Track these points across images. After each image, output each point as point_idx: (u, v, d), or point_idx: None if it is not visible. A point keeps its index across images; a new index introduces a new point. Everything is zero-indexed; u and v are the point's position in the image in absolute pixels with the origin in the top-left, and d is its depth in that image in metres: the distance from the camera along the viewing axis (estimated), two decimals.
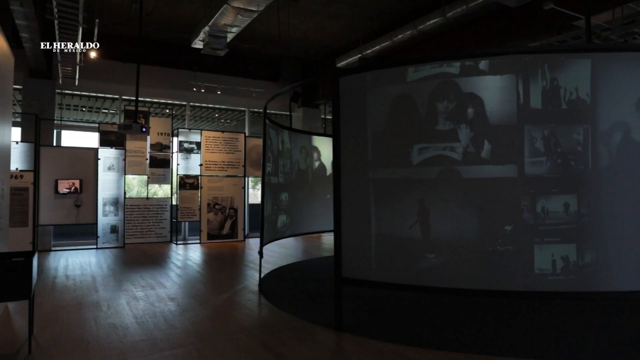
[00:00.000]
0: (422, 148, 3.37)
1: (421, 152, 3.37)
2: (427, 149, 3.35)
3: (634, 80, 3.15)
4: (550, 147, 3.14)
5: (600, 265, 3.08)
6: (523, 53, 3.28)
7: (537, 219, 3.13)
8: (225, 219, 9.90)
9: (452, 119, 3.30)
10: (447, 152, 3.31)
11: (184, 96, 10.66)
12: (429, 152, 3.35)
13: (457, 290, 3.27)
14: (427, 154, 3.35)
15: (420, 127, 3.38)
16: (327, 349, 3.20)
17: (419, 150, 3.37)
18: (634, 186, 3.13)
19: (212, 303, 4.49)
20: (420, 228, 3.33)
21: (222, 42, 7.80)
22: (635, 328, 3.61)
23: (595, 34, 7.33)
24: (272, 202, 5.84)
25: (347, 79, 3.67)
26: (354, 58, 9.01)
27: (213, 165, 9.89)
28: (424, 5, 7.82)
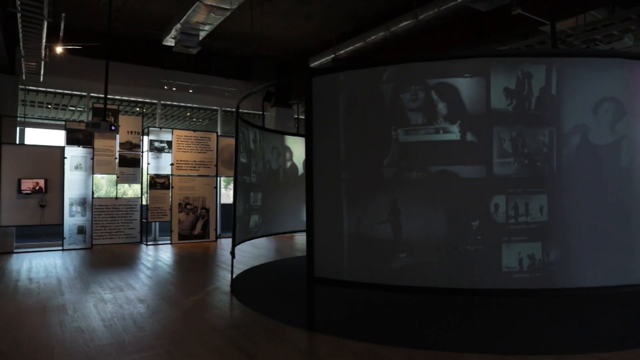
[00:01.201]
0: (392, 148, 3.40)
1: (392, 152, 3.40)
2: (399, 149, 3.39)
3: (594, 84, 3.28)
4: (517, 148, 3.23)
5: (563, 263, 3.19)
6: (492, 56, 3.36)
7: (504, 218, 3.21)
8: (197, 219, 9.77)
9: (423, 119, 3.35)
10: (417, 152, 3.36)
11: (155, 94, 10.46)
12: (401, 152, 3.39)
13: (428, 289, 3.32)
14: (397, 154, 3.39)
15: (392, 128, 3.41)
16: (299, 349, 3.20)
17: (390, 150, 3.41)
18: (592, 186, 3.26)
19: (183, 304, 4.42)
20: (392, 228, 3.36)
21: (194, 40, 7.69)
22: (597, 321, 3.75)
23: (560, 39, 7.58)
24: (244, 202, 5.80)
25: (320, 79, 3.67)
26: (328, 58, 9.04)
27: (184, 164, 9.75)
28: (396, 8, 7.91)
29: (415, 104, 3.37)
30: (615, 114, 3.31)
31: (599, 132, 3.27)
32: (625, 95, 3.33)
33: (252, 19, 8.27)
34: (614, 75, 3.32)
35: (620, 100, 3.31)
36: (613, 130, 3.31)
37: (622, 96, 3.32)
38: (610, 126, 3.31)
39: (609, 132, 3.30)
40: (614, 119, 3.31)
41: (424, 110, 3.34)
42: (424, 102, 3.34)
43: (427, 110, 3.34)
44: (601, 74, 3.30)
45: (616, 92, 3.31)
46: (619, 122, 3.32)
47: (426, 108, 3.34)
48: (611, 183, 3.31)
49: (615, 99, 3.31)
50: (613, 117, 3.31)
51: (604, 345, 3.15)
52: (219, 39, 9.73)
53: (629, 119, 3.34)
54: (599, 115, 3.28)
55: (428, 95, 3.34)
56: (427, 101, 3.34)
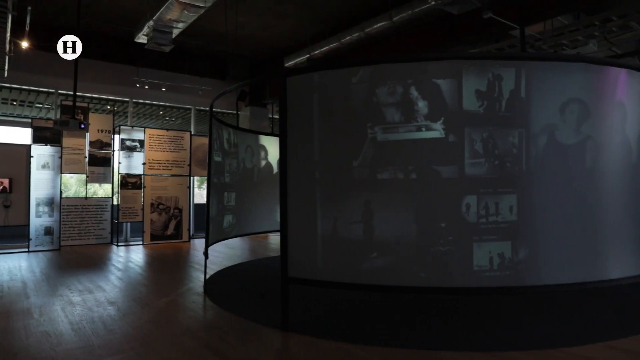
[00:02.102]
0: (366, 148, 3.43)
1: (365, 152, 3.43)
2: (372, 150, 3.42)
3: (561, 87, 3.38)
4: (488, 149, 3.30)
5: (532, 261, 3.27)
6: (464, 58, 3.42)
7: (475, 218, 3.27)
8: (170, 219, 9.61)
9: (397, 120, 3.38)
10: (390, 152, 3.39)
11: (127, 92, 10.24)
12: (375, 153, 3.41)
13: (402, 288, 3.36)
14: (371, 154, 3.41)
15: (364, 129, 3.43)
16: (273, 349, 3.18)
17: (364, 151, 3.43)
18: (559, 186, 3.36)
19: (155, 306, 4.34)
20: (366, 228, 3.39)
21: (167, 38, 7.57)
22: (564, 317, 3.86)
23: (529, 43, 7.78)
24: (218, 201, 5.74)
25: (295, 79, 3.67)
26: (302, 58, 9.03)
27: (157, 164, 9.58)
28: (371, 9, 7.97)
29: (388, 104, 3.40)
30: (581, 115, 3.42)
31: (565, 133, 3.37)
32: (590, 97, 3.44)
33: (227, 17, 8.19)
34: (579, 78, 3.43)
35: (585, 102, 3.43)
36: (578, 132, 3.42)
37: (587, 98, 3.43)
38: (576, 127, 3.42)
39: (575, 134, 3.41)
40: (580, 120, 3.42)
41: (397, 110, 3.38)
42: (397, 102, 3.37)
43: (400, 110, 3.37)
44: (567, 77, 3.40)
45: (581, 95, 3.42)
46: (584, 124, 3.43)
47: (399, 109, 3.37)
48: (577, 183, 3.42)
49: (581, 100, 3.42)
50: (579, 119, 3.42)
51: (571, 340, 3.25)
52: (193, 37, 9.60)
53: (593, 121, 3.45)
54: (566, 116, 3.38)
55: (401, 96, 3.37)
56: (401, 102, 3.37)
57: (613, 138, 3.57)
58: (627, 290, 4.74)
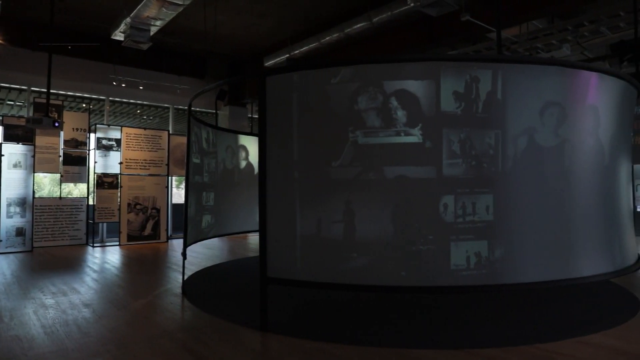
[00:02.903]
0: (347, 149, 3.44)
1: (345, 153, 3.44)
2: (351, 150, 3.43)
3: (539, 89, 3.46)
4: (465, 150, 3.35)
5: (507, 260, 3.34)
6: (442, 60, 3.47)
7: (453, 218, 3.32)
8: (147, 220, 9.47)
9: (376, 120, 3.40)
10: (370, 153, 3.41)
11: (103, 90, 10.05)
12: (353, 153, 3.43)
13: (381, 287, 3.39)
14: (351, 155, 3.43)
15: (344, 129, 3.45)
16: (251, 350, 3.17)
17: (343, 151, 3.44)
18: (534, 187, 3.44)
19: (132, 307, 4.27)
20: (344, 228, 3.40)
21: (144, 35, 7.45)
22: (538, 314, 3.95)
23: (505, 46, 7.93)
24: (196, 201, 5.68)
25: (274, 79, 3.66)
26: (282, 58, 9.01)
27: (134, 163, 9.42)
28: (351, 9, 8.01)
29: (368, 105, 3.41)
30: (557, 118, 3.51)
31: (541, 135, 3.45)
32: (565, 100, 3.53)
33: (206, 16, 8.11)
34: (553, 81, 3.52)
35: (562, 105, 3.51)
36: (555, 134, 3.51)
37: (563, 101, 3.52)
38: (553, 130, 3.50)
39: (551, 136, 3.49)
40: (557, 123, 3.51)
41: (377, 111, 3.40)
42: (377, 103, 3.40)
43: (380, 111, 3.39)
44: (542, 80, 3.48)
45: (556, 98, 3.50)
46: (561, 126, 3.52)
47: (379, 109, 3.40)
48: (551, 184, 3.51)
49: (556, 103, 3.50)
50: (557, 121, 3.50)
51: (544, 336, 3.32)
52: (171, 35, 9.47)
53: (567, 123, 3.54)
54: (542, 118, 3.46)
55: (381, 97, 3.40)
56: (381, 102, 3.39)
57: (586, 140, 3.67)
58: (597, 287, 4.88)
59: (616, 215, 3.97)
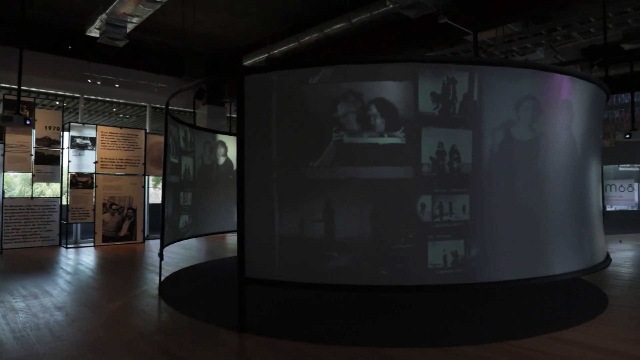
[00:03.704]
0: (325, 149, 3.45)
1: (327, 152, 3.44)
2: (330, 150, 3.44)
3: (513, 91, 3.53)
4: (443, 150, 3.40)
5: (482, 259, 3.40)
6: (420, 61, 3.51)
7: (430, 217, 3.36)
8: (123, 220, 9.30)
9: (355, 121, 3.42)
10: (352, 153, 3.43)
11: (77, 88, 9.82)
12: (332, 153, 3.44)
13: (359, 287, 3.41)
14: (330, 155, 3.44)
15: (323, 129, 3.45)
16: (229, 351, 3.14)
17: (324, 151, 3.44)
18: (508, 188, 3.52)
19: (107, 310, 4.19)
20: (324, 228, 3.40)
21: (121, 32, 7.32)
22: (511, 312, 4.04)
23: (482, 49, 8.07)
24: (173, 201, 5.61)
25: (253, 78, 3.64)
26: (261, 57, 8.98)
27: (110, 162, 9.24)
28: (331, 10, 8.03)
29: (346, 105, 3.43)
30: (531, 120, 3.59)
31: (515, 137, 3.53)
32: (539, 103, 3.61)
33: (184, 14, 8.01)
34: (527, 84, 3.60)
35: (535, 107, 3.59)
36: (529, 136, 3.59)
37: (537, 103, 3.60)
38: (527, 132, 3.58)
39: (525, 138, 3.57)
40: (531, 126, 3.59)
41: (356, 111, 3.41)
42: (355, 103, 3.41)
43: (358, 111, 3.41)
44: (517, 82, 3.56)
45: (530, 100, 3.58)
46: (534, 128, 3.60)
47: (358, 109, 3.41)
48: (524, 185, 3.59)
49: (530, 106, 3.58)
50: (530, 124, 3.58)
51: (518, 333, 3.39)
52: (148, 32, 9.33)
53: (541, 126, 3.63)
54: (517, 121, 3.54)
55: (359, 97, 3.41)
56: (359, 103, 3.41)
57: (558, 142, 3.77)
58: (568, 285, 5.01)
59: (587, 214, 4.09)
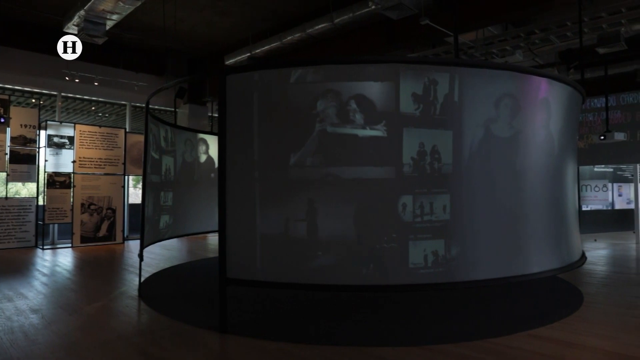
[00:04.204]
0: (307, 149, 3.45)
1: (306, 153, 3.44)
2: (312, 150, 3.44)
3: (493, 93, 3.59)
4: (424, 150, 3.43)
5: (462, 258, 3.45)
6: (401, 62, 3.54)
7: (411, 217, 3.39)
8: (102, 220, 9.14)
9: (337, 121, 3.43)
10: (329, 145, 3.43)
11: (55, 85, 9.62)
12: (314, 153, 3.44)
13: (341, 286, 3.42)
14: (311, 146, 3.44)
15: (305, 128, 3.45)
16: (210, 352, 3.12)
17: (304, 151, 3.44)
18: (487, 188, 3.57)
19: (85, 312, 4.11)
20: (306, 227, 3.40)
21: (100, 29, 7.19)
22: (489, 310, 4.10)
23: (462, 50, 8.18)
24: (154, 201, 5.54)
25: (235, 77, 3.62)
26: (243, 57, 8.93)
27: (88, 162, 9.08)
28: (313, 10, 8.03)
29: (328, 105, 3.43)
30: (510, 122, 3.65)
31: (494, 138, 3.58)
32: (517, 104, 3.68)
33: (165, 12, 7.92)
34: (507, 85, 3.66)
35: (514, 109, 3.66)
36: (508, 137, 3.65)
37: (515, 105, 3.66)
38: (506, 133, 3.64)
39: (504, 139, 3.64)
40: (510, 128, 3.65)
41: (337, 111, 3.42)
42: (337, 103, 3.42)
43: (340, 111, 3.42)
44: (496, 84, 3.61)
45: (509, 102, 3.64)
46: (513, 130, 3.66)
47: (339, 110, 3.42)
48: (504, 185, 3.65)
49: (509, 107, 3.64)
50: (509, 126, 3.64)
51: (497, 331, 3.45)
52: (128, 30, 9.19)
53: (520, 127, 3.70)
54: (495, 123, 3.59)
55: (341, 97, 3.42)
56: (341, 103, 3.42)
57: (536, 143, 3.84)
58: (545, 282, 5.11)
59: (564, 214, 4.18)
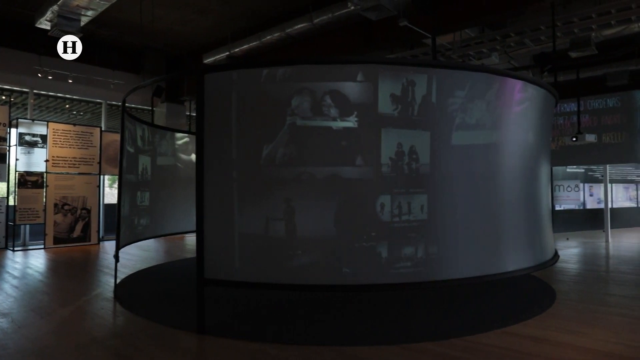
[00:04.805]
0: (286, 149, 3.44)
1: (285, 153, 3.44)
2: (291, 150, 3.44)
3: (469, 94, 3.64)
4: (402, 151, 3.47)
5: (440, 257, 3.49)
6: (380, 63, 3.57)
7: (390, 217, 3.42)
8: (76, 221, 8.94)
9: (315, 121, 3.43)
10: (302, 146, 3.44)
11: (26, 82, 9.36)
12: (293, 153, 3.44)
13: (319, 286, 3.43)
14: (290, 155, 3.44)
15: (283, 129, 3.45)
16: (188, 353, 3.09)
17: (283, 151, 3.44)
18: (466, 187, 3.64)
19: (58, 315, 4.02)
20: (284, 227, 3.40)
21: (74, 25, 7.03)
22: (466, 308, 4.17)
23: (440, 52, 8.29)
24: (130, 201, 5.45)
25: (213, 76, 3.59)
26: (222, 55, 8.86)
27: (62, 161, 8.86)
28: (293, 10, 8.01)
29: (307, 105, 3.44)
30: (486, 122, 3.72)
31: (469, 139, 3.65)
32: (494, 105, 3.75)
33: (142, 9, 7.79)
34: (483, 87, 3.72)
35: (490, 110, 3.73)
36: (484, 138, 3.72)
37: (492, 106, 3.73)
38: (482, 133, 3.71)
39: (480, 139, 3.70)
40: (486, 128, 3.72)
41: (315, 111, 3.43)
42: (316, 104, 3.43)
43: (318, 112, 3.43)
44: (473, 85, 3.67)
45: (485, 103, 3.71)
46: (489, 131, 3.73)
47: (318, 110, 3.43)
48: (480, 185, 3.72)
49: (486, 108, 3.71)
50: (486, 126, 3.71)
51: (472, 329, 3.50)
52: (105, 26, 9.02)
53: (496, 128, 3.77)
54: (471, 123, 3.65)
55: (320, 98, 3.43)
56: (319, 103, 3.43)
57: (512, 143, 3.92)
58: (519, 281, 5.22)
59: (538, 213, 4.28)
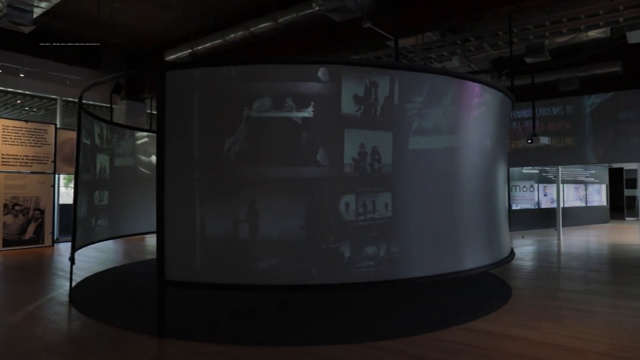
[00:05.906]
0: (249, 149, 3.42)
1: (247, 153, 3.41)
2: (254, 149, 3.42)
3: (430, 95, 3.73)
4: (365, 151, 3.51)
5: (402, 256, 3.56)
6: (343, 64, 3.59)
7: (354, 216, 3.45)
8: (29, 222, 8.54)
9: (277, 120, 3.42)
10: (273, 153, 3.43)
11: None
12: (256, 153, 3.42)
13: (282, 286, 3.42)
14: (253, 155, 3.41)
15: (246, 128, 3.42)
16: (147, 357, 3.01)
17: (245, 151, 3.41)
18: (426, 187, 3.72)
19: (6, 322, 3.82)
20: (247, 227, 3.37)
21: (26, 17, 6.69)
22: (428, 306, 4.26)
23: (403, 54, 8.44)
24: (88, 201, 5.26)
25: (175, 74, 3.51)
26: (185, 53, 8.70)
27: (13, 159, 8.44)
28: (257, 9, 7.96)
29: (269, 105, 3.42)
30: (446, 123, 3.81)
31: (430, 140, 3.73)
32: (453, 107, 3.85)
33: (100, 2, 7.54)
34: (444, 89, 3.82)
35: (450, 111, 3.83)
36: (443, 138, 3.81)
37: (452, 108, 3.83)
38: (441, 134, 3.80)
39: (440, 140, 3.80)
40: (445, 128, 3.81)
41: (278, 111, 3.42)
42: (278, 103, 3.42)
43: (280, 111, 3.42)
44: (434, 87, 3.76)
45: (446, 105, 3.81)
46: (448, 131, 3.83)
47: (280, 109, 3.42)
48: (440, 186, 3.81)
49: (446, 110, 3.81)
50: (445, 126, 3.81)
51: (433, 326, 3.59)
52: (60, 19, 8.66)
53: (455, 129, 3.87)
54: (431, 124, 3.74)
55: (283, 97, 3.42)
56: (282, 103, 3.42)
57: (470, 144, 4.04)
58: (477, 278, 5.39)
59: (495, 213, 4.43)
